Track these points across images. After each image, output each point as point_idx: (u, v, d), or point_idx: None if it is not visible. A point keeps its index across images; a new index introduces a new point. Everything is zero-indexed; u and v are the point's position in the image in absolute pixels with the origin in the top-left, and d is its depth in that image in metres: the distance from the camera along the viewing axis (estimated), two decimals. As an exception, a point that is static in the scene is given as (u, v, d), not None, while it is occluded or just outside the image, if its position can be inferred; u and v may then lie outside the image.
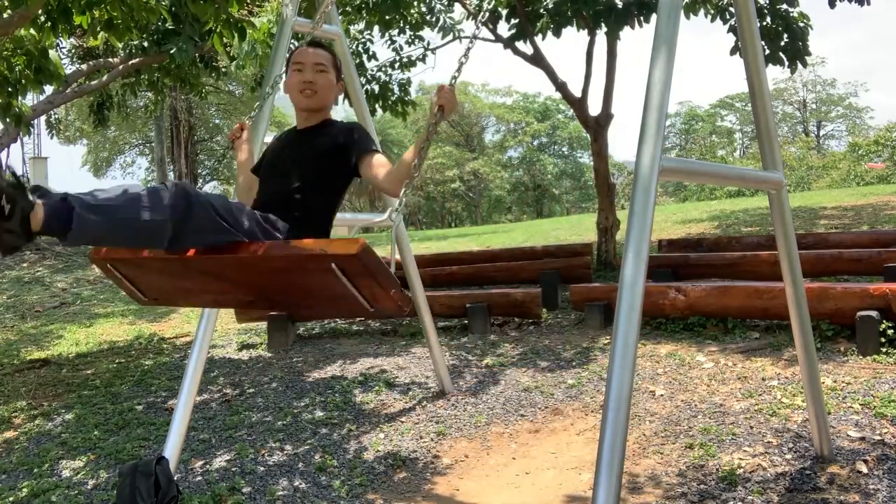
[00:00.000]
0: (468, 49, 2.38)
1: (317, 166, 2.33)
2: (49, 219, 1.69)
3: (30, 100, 10.82)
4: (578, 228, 14.35)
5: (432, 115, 2.20)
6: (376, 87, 9.21)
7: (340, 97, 2.67)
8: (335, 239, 1.87)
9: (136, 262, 2.13)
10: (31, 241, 1.72)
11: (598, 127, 8.77)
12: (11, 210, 1.61)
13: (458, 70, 2.31)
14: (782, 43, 7.63)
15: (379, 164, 2.27)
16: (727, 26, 7.96)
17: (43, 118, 13.76)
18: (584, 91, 8.78)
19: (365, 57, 9.07)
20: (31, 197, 1.66)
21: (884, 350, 4.47)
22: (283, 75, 2.59)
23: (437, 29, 8.79)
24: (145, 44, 8.51)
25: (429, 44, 9.44)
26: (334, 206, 2.38)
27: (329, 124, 2.46)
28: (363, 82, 8.98)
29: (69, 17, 5.02)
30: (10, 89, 5.42)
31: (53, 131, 16.44)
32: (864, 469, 3.10)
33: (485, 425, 4.25)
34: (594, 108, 8.82)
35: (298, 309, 2.28)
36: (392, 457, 3.89)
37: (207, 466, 3.90)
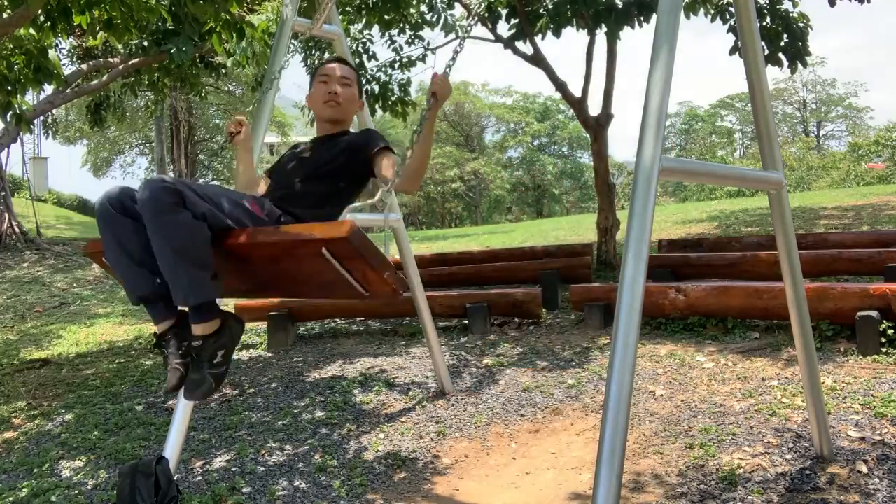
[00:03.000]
0: (463, 39, 2.41)
1: (328, 163, 2.42)
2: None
3: (30, 99, 10.83)
4: (578, 228, 14.36)
5: (427, 103, 2.25)
6: (376, 87, 9.21)
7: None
8: (324, 223, 1.87)
9: None
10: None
11: (598, 127, 8.77)
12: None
13: (453, 59, 2.35)
14: (782, 43, 7.63)
15: (389, 163, 2.35)
16: (727, 26, 7.96)
17: (41, 118, 13.76)
18: (584, 91, 8.78)
19: (365, 57, 9.06)
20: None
21: (884, 350, 4.47)
22: (281, 71, 2.63)
23: (439, 28, 8.78)
24: (145, 44, 8.51)
25: (429, 44, 9.43)
26: (343, 198, 2.43)
27: (345, 134, 2.58)
28: (363, 82, 8.98)
29: (69, 17, 5.02)
30: (9, 88, 5.42)
31: (50, 131, 16.46)
32: (864, 469, 3.10)
33: (485, 425, 4.25)
34: (594, 108, 8.83)
35: (293, 295, 2.30)
36: (392, 457, 3.89)
37: (207, 466, 3.90)
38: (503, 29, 8.60)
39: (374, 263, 1.85)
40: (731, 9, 7.59)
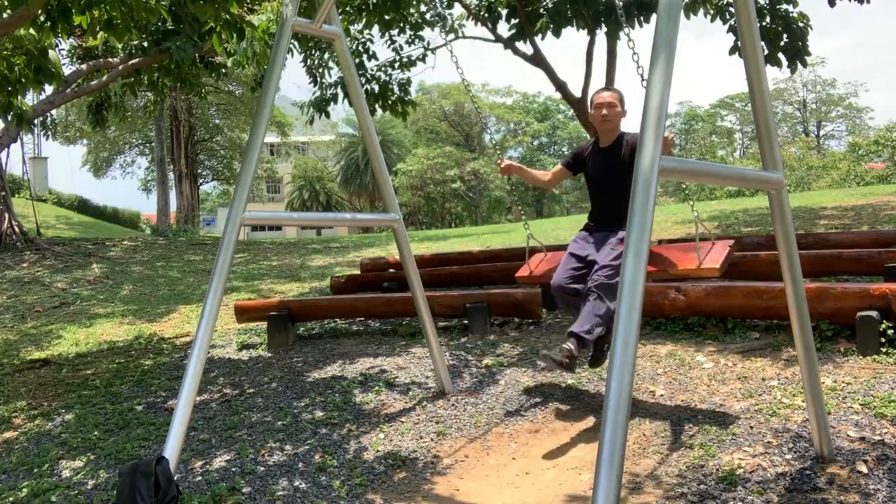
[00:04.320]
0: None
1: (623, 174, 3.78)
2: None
3: (30, 99, 10.82)
4: (579, 228, 14.35)
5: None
6: (376, 87, 9.23)
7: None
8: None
9: None
10: None
11: (598, 127, 8.77)
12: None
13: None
14: (782, 43, 7.64)
15: None
16: (727, 26, 7.97)
17: (39, 119, 13.76)
18: (584, 91, 8.79)
19: (365, 57, 9.07)
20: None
21: (884, 350, 4.47)
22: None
23: (441, 27, 8.80)
24: (145, 44, 8.52)
25: (429, 44, 9.45)
26: None
27: (622, 138, 4.11)
28: (363, 82, 8.99)
29: (69, 17, 5.02)
30: (9, 88, 5.42)
31: (49, 132, 16.47)
32: (864, 469, 3.10)
33: (485, 425, 4.25)
34: (594, 108, 8.82)
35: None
36: (392, 457, 3.89)
37: (207, 466, 3.90)
38: (503, 29, 8.63)
39: None
40: (731, 9, 7.59)
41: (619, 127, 4.16)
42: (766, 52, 7.57)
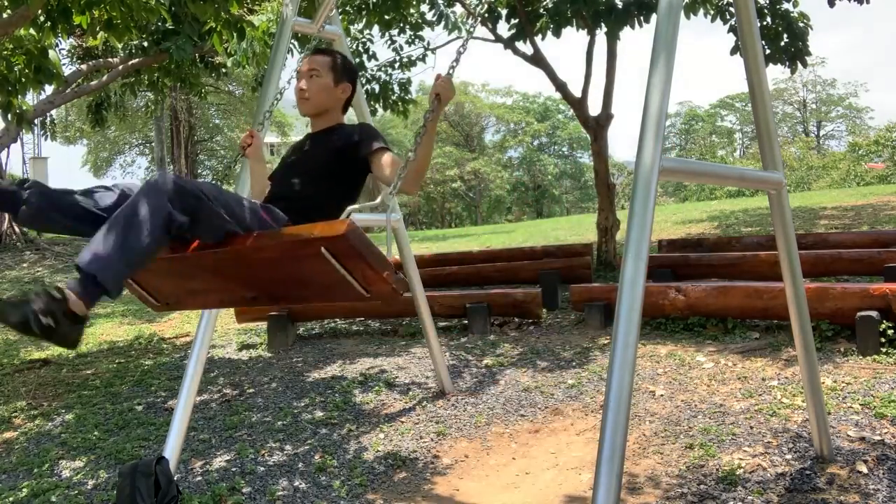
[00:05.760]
0: (466, 40, 2.39)
1: (324, 166, 2.38)
2: (85, 296, 1.75)
3: (30, 99, 10.82)
4: (578, 228, 14.36)
5: (430, 104, 2.21)
6: (376, 87, 9.22)
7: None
8: (323, 223, 1.86)
9: None
10: (85, 323, 1.79)
11: (598, 127, 8.77)
12: (55, 320, 1.67)
13: (457, 60, 2.32)
14: (782, 43, 7.63)
15: (388, 163, 2.30)
16: (727, 26, 7.97)
17: (39, 119, 13.77)
18: (584, 91, 8.78)
19: (365, 57, 9.07)
20: (56, 294, 1.71)
21: (884, 350, 4.47)
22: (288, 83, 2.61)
23: (442, 26, 8.80)
24: (145, 44, 8.51)
25: (429, 44, 9.45)
26: (341, 199, 2.37)
27: (338, 129, 2.51)
28: (363, 82, 8.99)
29: (69, 17, 5.01)
30: (9, 88, 5.42)
31: (48, 133, 16.46)
32: (864, 469, 3.10)
33: (485, 425, 4.25)
34: (594, 108, 8.83)
35: (298, 301, 2.34)
36: (392, 457, 3.89)
37: (207, 466, 3.90)
38: (503, 29, 8.61)
39: (374, 262, 1.83)
40: (731, 9, 7.59)
41: (327, 105, 2.55)
42: (767, 51, 7.56)
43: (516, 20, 8.16)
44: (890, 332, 4.51)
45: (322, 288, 2.03)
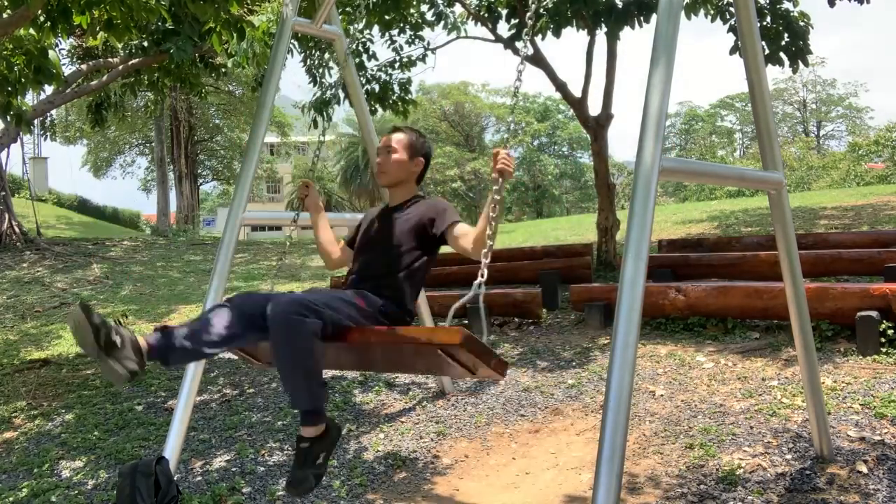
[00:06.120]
0: (518, 76, 2.46)
1: (404, 244, 2.65)
2: (318, 422, 2.28)
3: (30, 99, 10.82)
4: (578, 228, 14.36)
5: (494, 182, 2.39)
6: (377, 87, 9.22)
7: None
8: (439, 328, 2.12)
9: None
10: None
11: (598, 127, 8.77)
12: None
13: (516, 91, 2.46)
14: (783, 42, 7.62)
15: (462, 234, 2.58)
16: (727, 26, 7.96)
17: (39, 119, 13.77)
18: (584, 91, 8.77)
19: (365, 57, 9.06)
20: (304, 444, 2.29)
21: (884, 350, 4.47)
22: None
23: (442, 26, 8.79)
24: (145, 44, 8.51)
25: (429, 44, 9.44)
26: (420, 278, 2.68)
27: (413, 202, 2.80)
28: (363, 82, 8.98)
29: (69, 17, 5.01)
30: (9, 89, 5.42)
31: (48, 133, 16.45)
32: (864, 469, 3.10)
33: (485, 425, 4.25)
34: (594, 108, 8.82)
35: (407, 371, 2.79)
36: (392, 457, 3.89)
37: (207, 466, 3.90)
38: (503, 29, 8.61)
39: (483, 357, 2.07)
40: (731, 9, 7.59)
41: (401, 178, 2.80)
42: (767, 51, 7.55)
43: (516, 20, 8.16)
44: (890, 332, 4.50)
45: (434, 367, 2.40)
